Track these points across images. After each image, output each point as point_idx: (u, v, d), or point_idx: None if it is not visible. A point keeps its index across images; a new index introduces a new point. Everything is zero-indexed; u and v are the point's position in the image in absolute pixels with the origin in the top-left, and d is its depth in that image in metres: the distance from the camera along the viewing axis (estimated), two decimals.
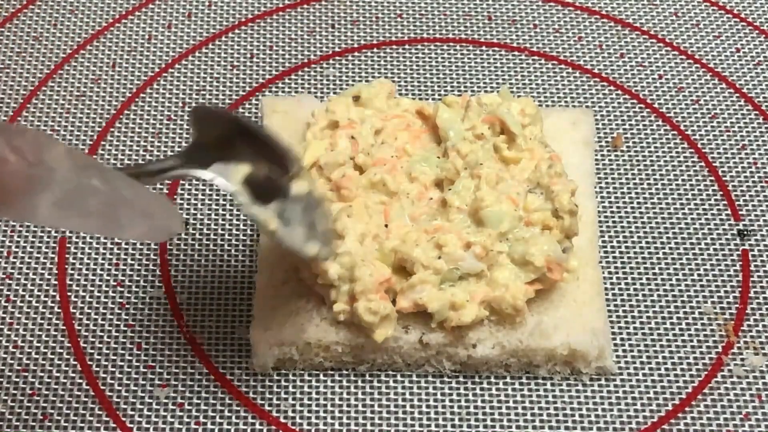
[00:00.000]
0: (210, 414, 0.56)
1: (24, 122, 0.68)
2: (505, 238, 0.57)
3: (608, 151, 0.67)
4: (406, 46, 0.72)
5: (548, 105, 0.69)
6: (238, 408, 0.57)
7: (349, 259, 0.56)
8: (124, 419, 0.56)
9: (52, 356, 0.58)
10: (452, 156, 0.60)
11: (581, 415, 0.56)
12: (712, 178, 0.66)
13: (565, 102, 0.69)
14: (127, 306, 0.60)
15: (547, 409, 0.57)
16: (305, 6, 0.74)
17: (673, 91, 0.70)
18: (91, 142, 0.67)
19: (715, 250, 0.63)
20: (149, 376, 0.58)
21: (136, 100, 0.69)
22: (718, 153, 0.67)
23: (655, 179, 0.66)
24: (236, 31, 0.73)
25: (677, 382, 0.58)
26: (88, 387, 0.57)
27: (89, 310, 0.60)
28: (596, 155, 0.66)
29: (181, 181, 0.65)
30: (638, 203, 0.64)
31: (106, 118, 0.68)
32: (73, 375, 0.57)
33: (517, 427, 0.56)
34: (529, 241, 0.56)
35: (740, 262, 0.62)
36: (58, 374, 0.57)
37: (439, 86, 0.70)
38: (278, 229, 0.52)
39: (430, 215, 0.58)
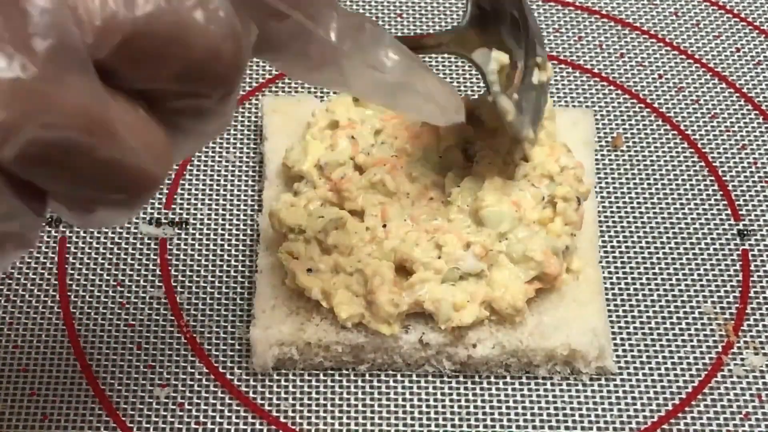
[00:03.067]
0: (210, 414, 0.56)
1: None
2: (504, 238, 0.57)
3: (608, 151, 0.67)
4: None
5: None
6: (238, 408, 0.57)
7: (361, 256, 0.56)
8: (124, 419, 0.56)
9: (52, 356, 0.58)
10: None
11: (581, 415, 0.56)
12: (712, 178, 0.66)
13: (565, 102, 0.69)
14: (127, 306, 0.60)
15: (547, 409, 0.57)
16: None
17: (673, 91, 0.70)
18: None
19: (715, 250, 0.63)
20: (149, 376, 0.58)
21: None
22: (718, 153, 0.67)
23: (655, 179, 0.66)
24: None
25: (677, 381, 0.58)
26: (88, 387, 0.57)
27: (89, 310, 0.60)
28: (596, 155, 0.66)
29: (181, 181, 0.65)
30: (638, 203, 0.64)
31: None
32: (73, 375, 0.57)
33: (517, 427, 0.56)
34: (527, 239, 0.56)
35: (740, 262, 0.62)
36: (58, 374, 0.57)
37: None
38: (514, 119, 0.55)
39: (430, 215, 0.58)
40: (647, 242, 0.63)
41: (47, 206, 0.33)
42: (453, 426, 0.56)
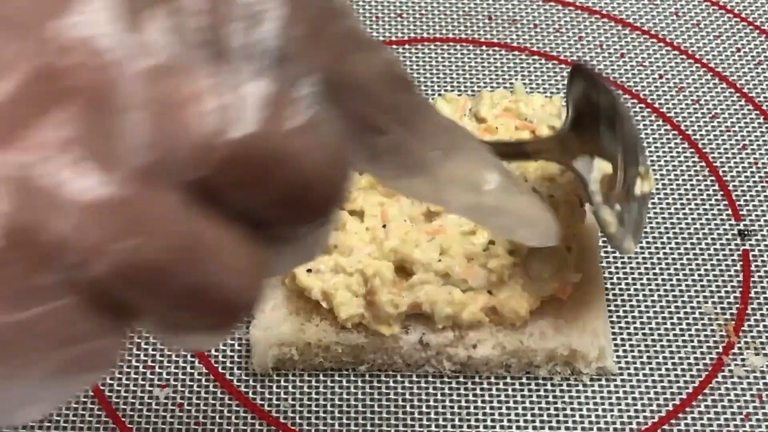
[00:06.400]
0: (210, 414, 0.56)
1: None
2: (519, 256, 0.56)
3: None
4: (406, 46, 0.72)
5: None
6: (238, 408, 0.57)
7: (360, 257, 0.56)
8: (124, 419, 0.56)
9: None
10: None
11: (581, 416, 0.56)
12: (713, 178, 0.66)
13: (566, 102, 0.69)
14: None
15: (548, 409, 0.57)
16: None
17: (673, 91, 0.70)
18: None
19: (715, 250, 0.63)
20: (149, 376, 0.57)
21: None
22: (719, 153, 0.67)
23: (655, 179, 0.65)
24: None
25: (678, 382, 0.57)
26: (87, 387, 0.57)
27: None
28: None
29: None
30: None
31: None
32: None
33: (518, 427, 0.56)
34: (544, 259, 0.56)
35: (741, 262, 0.62)
36: None
37: (439, 86, 0.70)
38: (616, 232, 0.53)
39: (430, 215, 0.58)
40: (647, 242, 0.63)
41: (131, 326, 0.30)
42: (453, 426, 0.56)
